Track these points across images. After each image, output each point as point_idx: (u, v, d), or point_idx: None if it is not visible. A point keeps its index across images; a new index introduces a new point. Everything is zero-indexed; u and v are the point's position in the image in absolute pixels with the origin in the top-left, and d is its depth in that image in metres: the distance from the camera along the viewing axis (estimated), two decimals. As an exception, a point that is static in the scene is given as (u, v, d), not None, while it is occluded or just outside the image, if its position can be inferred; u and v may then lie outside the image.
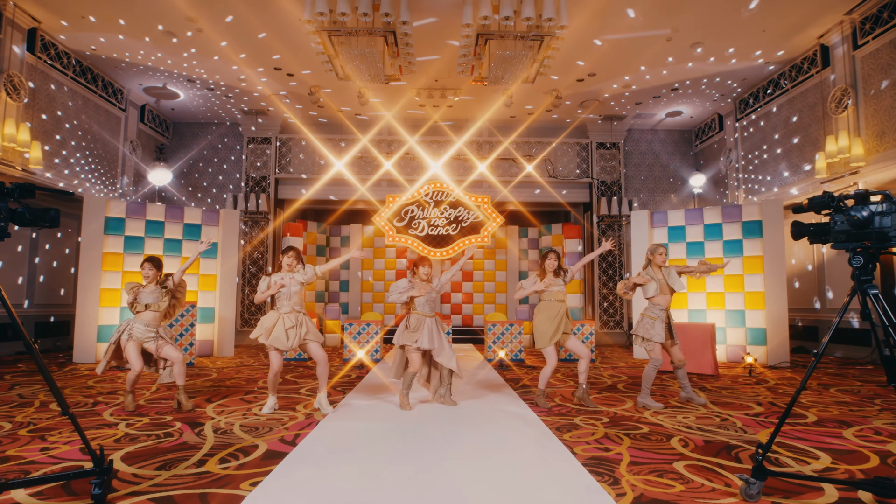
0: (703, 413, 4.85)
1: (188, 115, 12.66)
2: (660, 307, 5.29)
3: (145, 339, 5.02)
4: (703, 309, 9.36)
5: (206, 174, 12.98)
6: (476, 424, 4.37)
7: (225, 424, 4.30)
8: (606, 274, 12.59)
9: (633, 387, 6.38)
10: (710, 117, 12.46)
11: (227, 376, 7.10)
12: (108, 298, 8.85)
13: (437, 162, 12.51)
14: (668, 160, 13.36)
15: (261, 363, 8.61)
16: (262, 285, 5.08)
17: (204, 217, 9.90)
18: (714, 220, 9.41)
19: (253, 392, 5.87)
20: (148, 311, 5.05)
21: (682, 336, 7.65)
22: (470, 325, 13.63)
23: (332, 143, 12.64)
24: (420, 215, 12.52)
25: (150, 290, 5.11)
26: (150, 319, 5.06)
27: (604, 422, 4.47)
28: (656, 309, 5.28)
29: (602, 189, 12.81)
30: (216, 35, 8.85)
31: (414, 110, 12.26)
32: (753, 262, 8.98)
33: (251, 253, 12.37)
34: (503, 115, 12.44)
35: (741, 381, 6.81)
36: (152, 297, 5.08)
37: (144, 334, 5.01)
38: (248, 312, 12.28)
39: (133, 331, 4.99)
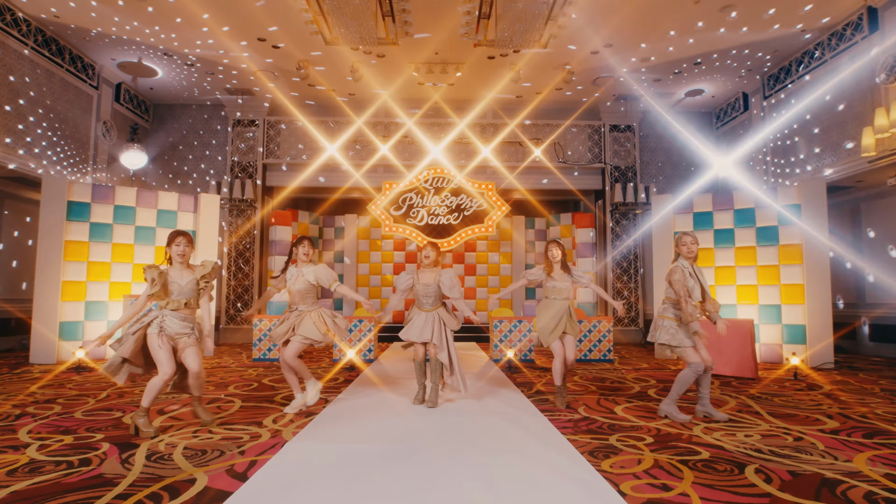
0: (766, 429, 3.91)
1: (169, 95, 11.72)
2: (678, 308, 4.35)
3: (179, 335, 3.91)
4: (734, 304, 8.41)
5: (189, 160, 12.05)
6: (485, 449, 3.43)
7: (165, 447, 3.37)
8: (621, 267, 11.64)
9: (667, 392, 5.44)
10: (734, 96, 11.49)
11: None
12: (71, 292, 7.93)
13: (438, 146, 11.58)
14: (687, 144, 12.39)
15: (241, 364, 7.69)
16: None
17: (181, 202, 8.97)
18: (745, 205, 8.45)
19: (218, 401, 4.94)
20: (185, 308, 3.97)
21: (716, 334, 6.71)
22: (472, 322, 12.68)
23: (324, 125, 11.70)
24: (419, 203, 11.59)
25: (187, 280, 3.92)
26: (186, 313, 3.98)
27: (647, 442, 3.53)
28: (677, 310, 4.38)
29: (616, 175, 11.86)
30: (194, 2, 7.91)
31: (412, 90, 11.30)
32: (791, 251, 8.03)
33: (237, 244, 11.45)
34: (509, 94, 11.48)
35: (789, 387, 5.87)
36: (189, 290, 3.93)
37: (180, 330, 3.91)
38: (233, 308, 11.36)
39: (166, 324, 3.87)
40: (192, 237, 4.05)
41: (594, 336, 8.20)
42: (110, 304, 8.22)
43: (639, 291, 11.63)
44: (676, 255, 4.46)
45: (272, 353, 8.06)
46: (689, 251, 4.36)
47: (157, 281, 3.83)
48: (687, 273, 4.31)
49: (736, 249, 8.46)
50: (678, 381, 4.34)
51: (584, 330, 8.22)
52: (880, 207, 9.15)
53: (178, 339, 3.92)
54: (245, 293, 11.39)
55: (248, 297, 11.37)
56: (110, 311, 8.20)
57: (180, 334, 3.91)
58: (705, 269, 8.59)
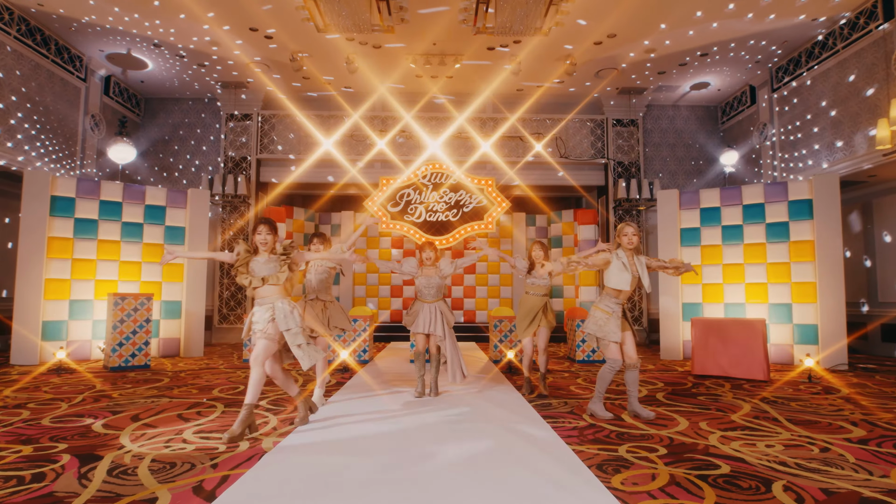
0: (788, 438, 3.61)
1: (161, 89, 11.42)
2: (616, 300, 4.37)
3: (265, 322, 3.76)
4: (742, 302, 8.10)
5: (182, 155, 11.75)
6: (486, 462, 3.13)
7: (132, 459, 3.07)
8: (624, 265, 11.32)
9: (678, 396, 5.14)
10: (741, 90, 11.18)
11: (181, 382, 5.88)
12: (54, 290, 7.64)
13: (436, 141, 11.27)
14: (691, 139, 12.08)
15: (230, 366, 7.39)
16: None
17: (169, 198, 8.67)
18: (755, 200, 8.15)
19: (199, 406, 4.64)
20: (266, 285, 3.83)
21: (725, 335, 6.42)
22: (472, 321, 12.40)
23: (319, 119, 11.39)
24: (417, 200, 11.29)
25: (264, 260, 3.86)
26: (267, 296, 3.83)
27: (660, 453, 3.23)
28: (611, 302, 4.37)
29: (619, 171, 11.55)
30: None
31: (410, 83, 10.99)
32: (802, 247, 7.72)
33: (230, 241, 11.14)
34: (509, 88, 11.18)
35: (805, 390, 5.56)
36: (269, 269, 3.85)
37: (262, 316, 3.78)
38: (226, 307, 11.06)
39: (255, 319, 3.81)
40: (275, 226, 3.99)
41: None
42: (96, 302, 7.92)
43: (642, 290, 11.31)
44: (616, 245, 4.43)
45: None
46: (629, 242, 4.34)
47: (241, 254, 3.87)
48: (621, 262, 4.30)
49: (745, 246, 8.16)
50: (599, 378, 4.32)
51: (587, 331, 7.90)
52: (894, 203, 8.84)
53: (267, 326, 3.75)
54: (238, 292, 11.08)
55: (241, 295, 11.06)
56: (96, 310, 7.91)
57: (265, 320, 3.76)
58: (712, 266, 8.30)
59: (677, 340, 8.44)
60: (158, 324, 8.38)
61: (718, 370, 6.40)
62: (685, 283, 8.53)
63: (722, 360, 6.38)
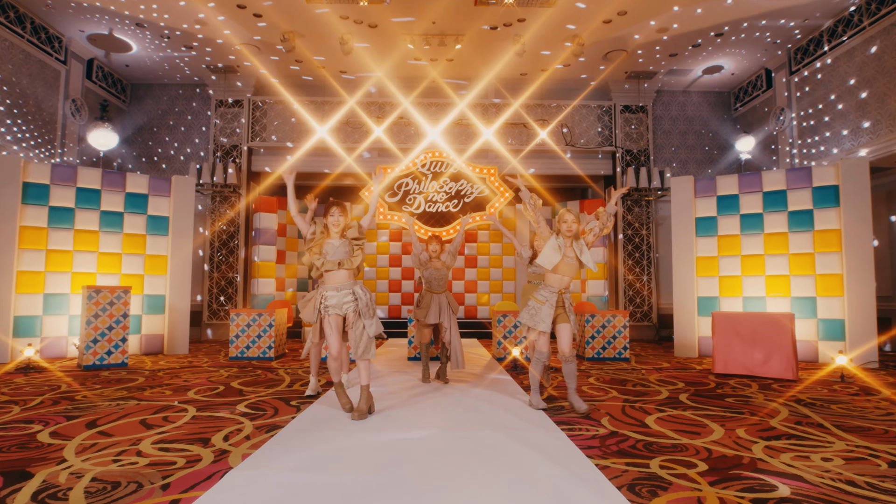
0: (843, 449, 3.10)
1: (147, 74, 10.89)
2: (552, 289, 4.21)
3: (344, 305, 3.93)
4: (762, 296, 7.59)
5: (170, 144, 11.22)
6: (491, 483, 2.62)
7: (68, 478, 2.56)
8: (633, 258, 10.82)
9: (704, 398, 4.63)
10: (756, 73, 10.64)
11: (157, 382, 5.37)
12: (27, 283, 7.13)
13: (436, 128, 10.75)
14: (703, 126, 11.55)
15: (215, 364, 6.89)
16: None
17: (151, 185, 8.15)
18: (776, 187, 7.63)
19: (169, 409, 4.13)
20: (340, 269, 3.93)
21: (750, 331, 5.90)
22: (474, 316, 11.89)
23: (314, 106, 10.86)
24: (416, 189, 10.80)
25: (338, 244, 3.94)
26: (342, 280, 3.95)
27: (700, 469, 2.72)
28: (546, 291, 4.23)
29: (627, 159, 11.02)
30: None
31: (408, 67, 10.46)
32: (828, 237, 7.21)
33: (220, 233, 10.63)
34: (513, 71, 10.64)
35: (841, 391, 5.05)
36: (341, 252, 3.93)
37: (341, 300, 3.93)
38: (216, 302, 10.55)
39: (328, 301, 3.93)
40: (347, 208, 4.11)
41: (607, 332, 7.39)
42: (72, 296, 7.41)
43: (652, 284, 10.81)
44: (556, 232, 4.26)
45: (250, 352, 7.25)
46: (567, 229, 4.18)
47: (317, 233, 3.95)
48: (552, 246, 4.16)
49: (765, 236, 7.64)
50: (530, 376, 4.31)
51: (597, 326, 7.40)
52: (922, 190, 8.32)
53: (344, 308, 3.92)
54: (229, 286, 10.58)
55: (231, 290, 10.56)
56: (72, 305, 7.40)
57: (344, 304, 3.92)
58: (730, 258, 7.79)
59: (692, 336, 7.93)
60: (140, 319, 7.87)
61: (742, 369, 5.89)
62: (700, 275, 8.01)
63: (746, 358, 5.87)
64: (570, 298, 4.27)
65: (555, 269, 4.18)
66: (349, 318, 3.93)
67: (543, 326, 4.09)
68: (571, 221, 4.17)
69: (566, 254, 4.15)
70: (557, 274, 4.20)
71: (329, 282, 3.93)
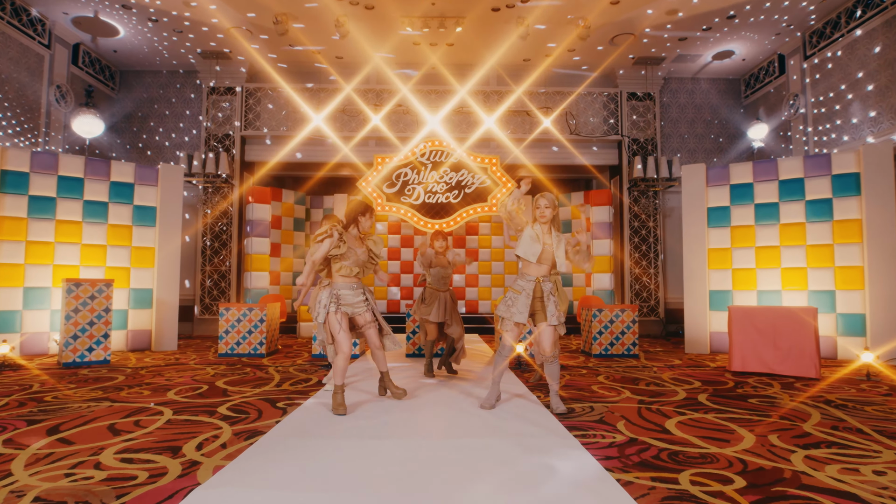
0: (895, 460, 2.75)
1: (136, 60, 10.50)
2: (529, 277, 4.00)
3: (356, 305, 3.94)
4: (778, 289, 7.23)
5: (161, 133, 10.85)
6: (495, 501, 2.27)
7: (7, 496, 2.21)
8: (639, 251, 10.46)
9: (725, 399, 4.28)
10: (768, 59, 10.24)
11: (137, 381, 5.02)
12: (6, 276, 6.78)
13: (436, 116, 10.36)
14: (712, 114, 11.16)
15: (202, 361, 6.54)
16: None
17: (138, 174, 7.79)
18: (793, 175, 7.26)
19: (143, 412, 3.78)
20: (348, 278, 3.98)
21: (770, 326, 5.55)
22: (475, 311, 11.54)
23: (309, 93, 10.48)
24: (415, 180, 10.41)
25: (361, 252, 3.98)
26: (355, 280, 4.00)
27: (737, 486, 2.37)
28: (524, 280, 4.01)
29: (634, 149, 10.64)
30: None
31: (407, 52, 10.07)
32: (848, 227, 6.85)
33: (212, 225, 10.27)
34: (516, 57, 10.25)
35: (870, 390, 4.70)
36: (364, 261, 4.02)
37: (354, 299, 3.93)
38: (209, 297, 10.20)
39: (341, 298, 3.89)
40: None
41: (615, 328, 7.04)
42: (54, 290, 7.06)
43: (659, 278, 10.45)
44: (532, 220, 4.07)
45: (240, 348, 6.90)
46: (541, 215, 3.99)
47: (343, 242, 3.86)
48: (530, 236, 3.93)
49: (781, 227, 7.28)
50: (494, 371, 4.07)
51: (604, 321, 7.05)
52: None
53: (356, 309, 3.93)
54: (222, 279, 10.23)
55: (224, 283, 10.21)
56: (54, 299, 7.05)
57: (357, 303, 3.92)
58: (744, 249, 7.43)
59: (703, 332, 7.58)
60: (126, 314, 7.53)
61: (761, 366, 5.54)
62: (712, 268, 7.66)
63: (766, 355, 5.52)
64: (550, 286, 3.95)
65: (540, 258, 3.95)
66: (361, 319, 3.97)
67: (519, 318, 3.85)
68: (545, 206, 3.97)
69: (545, 241, 3.93)
70: (541, 264, 3.95)
71: (343, 281, 3.93)
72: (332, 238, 3.84)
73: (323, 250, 3.84)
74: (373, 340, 4.08)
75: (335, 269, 3.92)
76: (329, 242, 3.83)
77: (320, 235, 3.93)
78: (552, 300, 3.91)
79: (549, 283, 3.96)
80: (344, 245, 3.86)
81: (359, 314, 3.99)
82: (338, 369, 3.83)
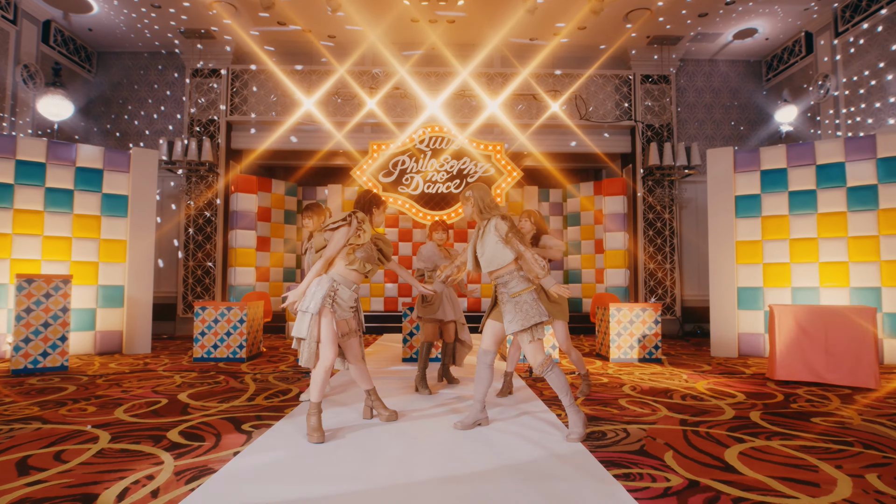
0: None
1: (114, 40, 9.76)
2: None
3: (347, 308, 3.31)
4: (815, 286, 6.52)
5: (142, 118, 10.11)
6: None
7: None
8: (654, 244, 9.74)
9: (783, 418, 3.56)
10: (793, 38, 9.50)
11: (88, 393, 4.31)
12: (-44, 272, 6.06)
13: (436, 100, 9.63)
14: (731, 99, 10.42)
15: (173, 367, 5.83)
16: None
17: (107, 159, 7.06)
18: (832, 159, 6.53)
19: (74, 438, 3.07)
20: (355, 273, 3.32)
21: (820, 326, 4.83)
22: (478, 309, 10.83)
23: (300, 76, 9.74)
24: (413, 168, 9.69)
25: (368, 248, 3.35)
26: (356, 282, 3.36)
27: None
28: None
29: (648, 135, 9.91)
30: None
31: (404, 30, 9.33)
32: (895, 216, 6.13)
33: (196, 217, 9.55)
34: (521, 35, 9.51)
35: (947, 404, 3.99)
36: (372, 257, 3.36)
37: (349, 302, 3.32)
38: (192, 294, 9.49)
39: (339, 297, 3.25)
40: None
41: (635, 329, 6.32)
42: (11, 287, 6.35)
43: (675, 273, 9.73)
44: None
45: (217, 352, 6.19)
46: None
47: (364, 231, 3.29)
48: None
49: (819, 216, 6.56)
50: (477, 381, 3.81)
51: (623, 321, 6.34)
52: None
53: (346, 313, 3.31)
54: (206, 276, 9.51)
55: (209, 280, 9.49)
56: (10, 297, 6.33)
57: (349, 307, 3.32)
58: (777, 242, 6.72)
59: (731, 333, 6.87)
60: (94, 314, 6.82)
61: (810, 374, 4.82)
62: (741, 262, 6.94)
63: (815, 362, 4.80)
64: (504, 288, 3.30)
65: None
66: (345, 326, 3.37)
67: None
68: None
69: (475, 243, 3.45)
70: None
71: (347, 276, 3.30)
72: (349, 226, 3.25)
73: (339, 241, 3.23)
74: (355, 352, 3.45)
75: (345, 262, 3.26)
76: (345, 231, 3.24)
77: (333, 223, 3.27)
78: (509, 303, 3.24)
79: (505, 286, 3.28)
80: (365, 234, 3.29)
81: (346, 319, 3.35)
82: (317, 383, 3.17)
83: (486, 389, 3.37)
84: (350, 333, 3.40)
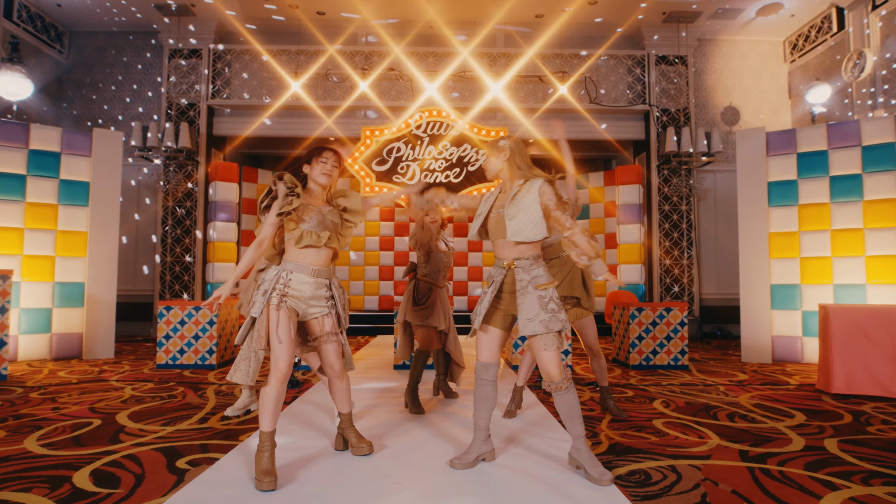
0: None
1: (86, 18, 9.01)
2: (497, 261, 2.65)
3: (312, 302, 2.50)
4: (861, 283, 5.77)
5: (116, 102, 9.36)
6: None
7: None
8: (670, 238, 8.99)
9: (860, 446, 2.82)
10: (822, 14, 8.73)
11: (12, 411, 3.57)
12: None
13: (434, 82, 8.89)
14: (752, 82, 9.66)
15: (130, 376, 5.09)
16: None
17: (65, 141, 6.32)
18: (881, 139, 5.78)
19: (-52, 481, 2.33)
20: (324, 248, 2.52)
21: (886, 330, 4.08)
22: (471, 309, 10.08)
23: (287, 56, 8.98)
24: (410, 156, 8.95)
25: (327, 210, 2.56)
26: (319, 265, 2.51)
27: None
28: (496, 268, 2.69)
29: (664, 120, 9.15)
30: None
31: (400, 6, 8.58)
32: (957, 204, 5.38)
33: (174, 208, 8.80)
34: (527, 12, 8.77)
35: None
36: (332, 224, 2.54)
37: (311, 291, 2.48)
38: (169, 292, 8.74)
39: (291, 286, 2.44)
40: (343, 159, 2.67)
41: (659, 332, 5.57)
42: (-48, 284, 5.61)
43: (693, 270, 8.98)
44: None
45: (184, 357, 5.45)
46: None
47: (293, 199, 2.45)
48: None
49: (865, 204, 5.81)
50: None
51: (645, 323, 5.59)
52: None
53: (312, 309, 2.51)
54: (185, 272, 8.77)
55: (188, 276, 8.75)
56: (-49, 296, 5.60)
57: (314, 300, 2.50)
58: (816, 233, 5.97)
59: (764, 336, 6.12)
60: (50, 314, 6.08)
61: (875, 387, 4.08)
62: (774, 257, 6.19)
63: (882, 373, 4.05)
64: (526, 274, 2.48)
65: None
66: (318, 327, 2.55)
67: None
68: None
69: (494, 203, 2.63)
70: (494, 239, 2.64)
71: (301, 260, 2.48)
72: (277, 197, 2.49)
73: (269, 218, 2.48)
74: (331, 362, 2.60)
75: (291, 241, 2.49)
76: (275, 204, 2.48)
77: (264, 201, 2.52)
78: (531, 294, 2.43)
79: (523, 272, 2.49)
80: (297, 200, 2.47)
81: (315, 317, 2.54)
82: (266, 402, 2.36)
83: (489, 413, 2.63)
84: (325, 337, 2.57)
